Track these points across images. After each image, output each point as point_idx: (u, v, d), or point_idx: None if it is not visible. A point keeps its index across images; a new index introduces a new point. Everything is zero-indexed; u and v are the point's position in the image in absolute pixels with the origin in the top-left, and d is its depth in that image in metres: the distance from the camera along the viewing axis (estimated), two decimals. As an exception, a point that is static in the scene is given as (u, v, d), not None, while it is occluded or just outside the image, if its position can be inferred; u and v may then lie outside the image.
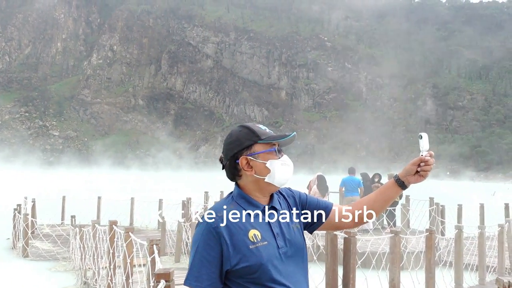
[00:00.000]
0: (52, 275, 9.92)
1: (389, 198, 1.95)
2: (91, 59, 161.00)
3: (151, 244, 4.56)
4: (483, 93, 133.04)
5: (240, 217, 1.76)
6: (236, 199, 1.82)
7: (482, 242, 8.36)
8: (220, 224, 1.71)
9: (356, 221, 1.98)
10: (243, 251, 1.70)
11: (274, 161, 1.82)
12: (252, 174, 1.81)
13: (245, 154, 1.81)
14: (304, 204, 1.97)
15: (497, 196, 38.32)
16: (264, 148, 1.82)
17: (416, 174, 1.89)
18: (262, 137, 1.82)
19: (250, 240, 1.72)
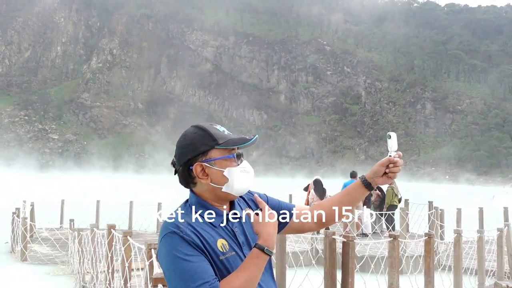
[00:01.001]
0: (50, 279, 9.89)
1: (355, 199, 1.85)
2: (91, 63, 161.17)
3: (149, 248, 4.55)
4: (482, 97, 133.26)
5: (205, 226, 1.58)
6: (197, 208, 1.63)
7: (481, 246, 8.35)
8: (188, 231, 1.53)
9: (316, 222, 1.86)
10: (214, 262, 1.55)
11: (233, 168, 1.62)
12: (207, 182, 1.62)
13: (200, 161, 1.62)
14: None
15: (496, 200, 38.31)
16: (222, 154, 1.62)
17: (384, 175, 1.78)
18: (220, 141, 1.61)
19: (220, 250, 1.57)
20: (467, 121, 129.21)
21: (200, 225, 1.57)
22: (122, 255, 5.78)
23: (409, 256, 9.75)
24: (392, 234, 6.66)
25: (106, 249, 6.81)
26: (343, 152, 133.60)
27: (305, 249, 10.40)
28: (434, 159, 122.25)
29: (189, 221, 1.57)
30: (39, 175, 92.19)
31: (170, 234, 1.52)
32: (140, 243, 5.70)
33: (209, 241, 1.55)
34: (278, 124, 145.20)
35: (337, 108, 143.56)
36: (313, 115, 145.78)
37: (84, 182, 60.23)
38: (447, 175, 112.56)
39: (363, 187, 1.82)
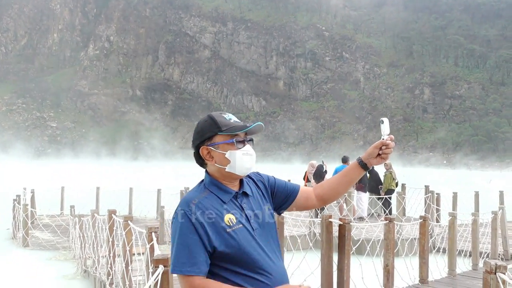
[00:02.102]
0: (52, 264, 10.05)
1: (352, 179, 2.05)
2: (88, 50, 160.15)
3: (149, 232, 4.66)
4: (481, 82, 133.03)
5: (214, 203, 1.84)
6: (208, 186, 1.90)
7: (476, 229, 8.50)
8: (197, 211, 1.79)
9: (317, 200, 2.11)
10: (221, 235, 1.78)
11: (234, 151, 1.87)
12: (213, 163, 1.90)
13: (206, 145, 1.91)
14: (273, 186, 2.06)
15: (493, 184, 38.59)
16: (224, 139, 1.88)
17: (377, 156, 2.00)
18: (222, 128, 1.87)
19: (226, 224, 1.80)
20: (465, 106, 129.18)
21: (210, 202, 1.84)
22: (123, 239, 5.91)
23: (405, 238, 9.91)
24: (388, 217, 6.80)
25: (107, 234, 6.93)
26: (341, 138, 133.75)
27: (303, 233, 10.57)
28: (432, 144, 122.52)
29: (200, 199, 1.83)
30: (38, 163, 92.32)
31: (180, 212, 1.81)
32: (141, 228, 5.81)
33: (217, 216, 1.80)
34: (276, 110, 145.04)
35: (335, 94, 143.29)
36: (312, 101, 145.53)
37: (83, 169, 60.36)
38: (445, 160, 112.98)
39: (359, 167, 2.02)
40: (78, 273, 9.08)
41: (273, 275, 1.84)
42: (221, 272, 1.80)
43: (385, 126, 2.01)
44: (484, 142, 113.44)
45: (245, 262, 1.80)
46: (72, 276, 9.00)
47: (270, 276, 1.83)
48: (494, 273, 3.29)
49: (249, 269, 1.80)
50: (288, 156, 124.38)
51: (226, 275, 1.79)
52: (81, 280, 8.76)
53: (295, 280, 6.24)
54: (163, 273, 3.25)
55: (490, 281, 3.32)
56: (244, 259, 1.79)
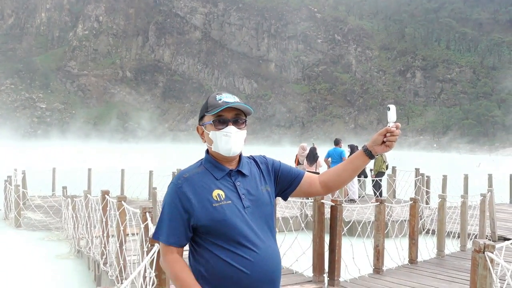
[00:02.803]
0: (45, 244, 10.09)
1: (358, 167, 2.04)
2: (77, 30, 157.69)
3: (143, 212, 4.69)
4: (472, 66, 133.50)
5: (206, 178, 1.91)
6: (204, 163, 1.98)
7: (464, 211, 8.65)
8: (185, 184, 1.88)
9: (322, 187, 2.10)
10: (206, 209, 1.85)
11: (215, 132, 1.93)
12: (204, 142, 2.02)
13: (200, 124, 2.03)
14: (277, 171, 2.07)
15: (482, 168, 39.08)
16: (209, 119, 1.95)
17: (382, 144, 1.95)
18: (209, 109, 1.93)
19: (214, 199, 1.86)
20: (456, 90, 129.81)
21: (201, 177, 1.91)
22: (117, 219, 5.94)
23: (395, 220, 10.07)
24: (379, 199, 6.90)
25: (100, 214, 6.96)
26: (332, 120, 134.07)
27: (295, 214, 10.68)
28: (422, 127, 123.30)
29: (192, 173, 1.92)
30: (27, 144, 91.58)
31: (171, 184, 1.92)
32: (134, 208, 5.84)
33: (205, 191, 1.88)
34: (268, 92, 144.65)
35: (327, 76, 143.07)
36: (303, 84, 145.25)
37: (73, 151, 60.03)
38: (435, 144, 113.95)
39: (364, 155, 1.99)
40: (72, 253, 9.13)
41: (258, 252, 1.85)
42: (205, 244, 1.87)
43: (391, 113, 1.96)
44: (474, 126, 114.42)
45: (229, 236, 1.83)
46: (66, 256, 9.05)
47: (255, 253, 1.84)
48: (483, 252, 3.39)
49: (232, 244, 1.83)
50: (279, 139, 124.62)
51: (210, 247, 1.85)
52: (74, 260, 8.81)
53: (287, 261, 6.35)
54: (158, 251, 3.30)
55: (479, 260, 3.41)
56: (228, 233, 1.83)
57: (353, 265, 6.19)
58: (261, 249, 1.86)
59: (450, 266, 7.08)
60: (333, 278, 5.80)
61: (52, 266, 8.47)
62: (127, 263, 6.00)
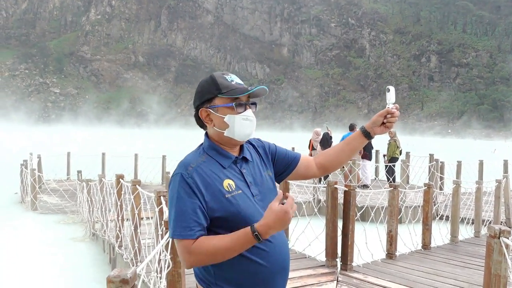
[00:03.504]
0: (61, 227, 10.26)
1: (355, 148, 2.01)
2: (90, 15, 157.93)
3: (158, 196, 4.73)
4: (488, 50, 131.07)
5: (213, 168, 1.75)
6: (207, 150, 1.81)
7: (479, 197, 8.57)
8: (194, 175, 1.70)
9: (319, 169, 2.05)
10: (219, 200, 1.70)
11: (233, 116, 1.77)
12: (212, 126, 1.81)
13: (205, 107, 1.80)
14: (274, 154, 1.99)
15: (497, 153, 38.62)
16: (223, 102, 1.77)
17: (382, 125, 1.94)
18: (223, 90, 1.77)
19: (226, 189, 1.72)
20: (472, 75, 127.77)
21: (209, 167, 1.74)
22: (132, 203, 6.00)
23: (408, 206, 10.02)
24: (392, 184, 6.86)
25: (115, 198, 7.03)
26: (345, 105, 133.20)
27: (308, 199, 10.69)
28: (437, 112, 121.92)
29: (199, 163, 1.74)
30: (42, 129, 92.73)
31: (177, 175, 1.71)
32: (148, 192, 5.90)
33: (215, 181, 1.71)
34: (280, 77, 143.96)
35: (340, 61, 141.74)
36: (316, 69, 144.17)
37: (87, 135, 60.65)
38: (450, 129, 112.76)
39: (362, 136, 1.97)
40: (87, 236, 9.27)
41: (273, 242, 1.77)
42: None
43: (391, 94, 1.95)
44: (490, 111, 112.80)
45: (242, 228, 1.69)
46: (81, 239, 9.20)
47: (270, 242, 1.76)
48: (498, 237, 3.35)
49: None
50: (291, 124, 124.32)
51: None
52: (89, 243, 8.95)
53: (300, 246, 6.37)
54: (174, 235, 3.32)
55: (494, 245, 3.38)
56: (242, 225, 1.68)
57: (366, 250, 6.18)
58: (275, 238, 1.78)
59: (463, 252, 7.05)
60: (346, 262, 5.81)
61: (68, 248, 8.62)
62: (142, 246, 6.08)
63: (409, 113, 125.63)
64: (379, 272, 5.79)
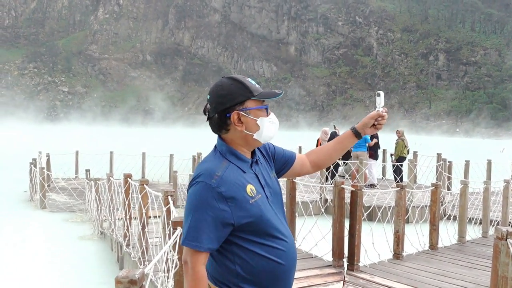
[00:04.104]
0: (69, 225, 10.34)
1: (346, 147, 2.11)
2: (98, 14, 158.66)
3: (165, 195, 4.76)
4: (497, 48, 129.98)
5: (236, 174, 1.76)
6: (226, 155, 1.80)
7: (487, 197, 8.53)
8: (220, 185, 1.70)
9: (312, 166, 2.14)
10: (245, 207, 1.72)
11: (264, 118, 1.82)
12: (242, 129, 1.79)
13: (237, 109, 1.77)
14: (273, 154, 2.04)
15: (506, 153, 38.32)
16: (256, 105, 1.80)
17: (372, 126, 2.06)
18: (254, 93, 1.78)
19: (249, 195, 1.75)
20: (480, 73, 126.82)
21: (233, 174, 1.75)
22: (140, 202, 6.05)
23: (416, 206, 9.99)
24: (400, 184, 6.84)
25: (123, 197, 7.09)
26: (353, 104, 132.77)
27: (314, 199, 10.69)
28: (445, 111, 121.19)
29: (223, 171, 1.73)
30: (50, 127, 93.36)
31: (201, 183, 1.70)
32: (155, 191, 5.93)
33: (240, 189, 1.73)
34: (287, 76, 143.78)
35: (347, 60, 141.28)
36: (323, 67, 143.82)
37: (95, 134, 60.99)
38: (458, 128, 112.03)
39: (353, 136, 2.08)
40: (95, 235, 9.35)
41: (288, 241, 1.84)
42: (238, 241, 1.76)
43: (381, 98, 2.09)
44: (499, 110, 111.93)
45: (264, 231, 1.78)
46: (89, 237, 9.27)
47: (285, 242, 1.83)
48: (505, 239, 3.35)
49: (266, 237, 1.78)
50: (298, 122, 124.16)
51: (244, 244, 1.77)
52: (97, 241, 9.03)
53: (307, 245, 6.38)
54: (181, 234, 3.35)
55: (501, 247, 3.37)
56: (264, 228, 1.77)
57: (373, 250, 6.18)
58: (288, 238, 1.85)
59: (471, 253, 7.02)
60: (352, 262, 5.82)
61: (76, 247, 8.69)
62: (149, 245, 6.12)
63: (416, 111, 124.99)
64: (386, 272, 5.78)
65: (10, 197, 13.84)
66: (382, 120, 2.06)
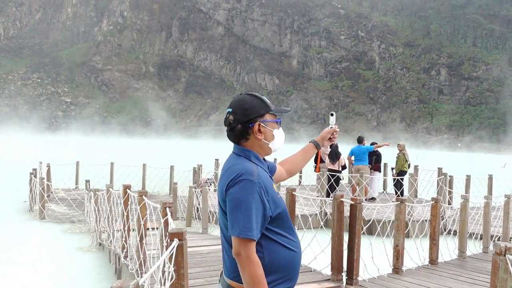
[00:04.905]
0: (68, 236, 10.30)
1: (311, 156, 2.57)
2: (102, 25, 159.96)
3: (164, 207, 4.75)
4: (499, 64, 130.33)
5: (265, 173, 2.07)
6: (253, 159, 2.08)
7: (488, 212, 8.48)
8: (260, 180, 1.97)
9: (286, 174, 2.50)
10: (276, 200, 2.03)
11: (277, 130, 2.13)
12: (261, 139, 2.09)
13: (259, 121, 2.08)
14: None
15: (507, 168, 38.21)
16: (273, 118, 2.12)
17: (328, 140, 2.55)
18: (271, 108, 2.11)
19: (276, 191, 2.07)
20: (482, 88, 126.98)
21: (263, 172, 2.05)
22: (138, 214, 6.03)
23: (416, 220, 9.94)
24: (400, 198, 6.82)
25: (122, 208, 7.07)
26: (354, 118, 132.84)
27: (314, 212, 10.65)
28: (446, 126, 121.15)
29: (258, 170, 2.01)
30: (52, 138, 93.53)
31: (246, 181, 1.94)
32: (154, 203, 5.92)
33: (270, 185, 2.04)
34: (290, 89, 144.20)
35: (350, 73, 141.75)
36: (326, 81, 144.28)
37: (97, 145, 61.05)
38: (459, 143, 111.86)
39: (314, 147, 2.55)
40: (93, 246, 9.30)
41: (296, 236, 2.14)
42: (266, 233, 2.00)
43: (333, 118, 2.58)
44: (501, 125, 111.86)
45: (286, 223, 2.06)
46: (88, 249, 9.22)
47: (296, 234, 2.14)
48: (504, 254, 3.32)
49: (286, 229, 2.06)
50: (299, 136, 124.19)
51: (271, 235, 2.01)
52: (96, 252, 8.98)
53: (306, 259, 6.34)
54: (178, 246, 3.34)
55: (499, 263, 3.35)
56: (286, 221, 2.07)
57: (372, 265, 6.13)
58: (295, 232, 2.14)
59: (471, 268, 6.97)
60: (351, 277, 5.77)
61: (74, 258, 8.65)
62: (147, 257, 6.09)
63: (418, 126, 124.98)
64: (385, 287, 5.73)
65: (9, 207, 13.82)
66: (335, 134, 2.55)
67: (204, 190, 9.80)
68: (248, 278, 1.91)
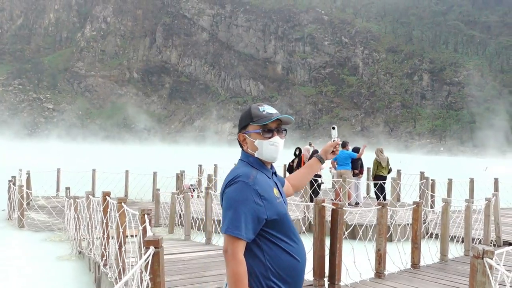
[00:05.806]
0: (47, 245, 10.10)
1: (315, 170, 2.68)
2: (85, 31, 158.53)
3: (142, 214, 4.68)
4: (480, 69, 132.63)
5: (264, 178, 2.14)
6: (254, 164, 2.18)
7: (469, 215, 8.56)
8: (255, 183, 2.05)
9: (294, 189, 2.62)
10: (274, 204, 2.09)
11: (261, 140, 2.18)
12: (246, 148, 2.23)
13: (242, 132, 2.24)
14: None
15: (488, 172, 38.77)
16: (254, 129, 2.20)
17: (332, 153, 2.65)
18: (254, 119, 2.19)
19: (275, 195, 2.14)
20: (463, 93, 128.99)
21: (262, 177, 2.12)
22: (117, 221, 5.92)
23: (397, 224, 9.98)
24: (381, 202, 6.83)
25: (101, 215, 6.95)
26: (339, 123, 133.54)
27: (297, 217, 10.63)
28: (429, 130, 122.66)
29: (255, 174, 2.10)
30: (34, 144, 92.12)
31: (241, 183, 2.04)
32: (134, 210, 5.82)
33: (269, 189, 2.11)
34: (274, 94, 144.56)
35: (334, 79, 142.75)
36: (310, 86, 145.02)
37: (80, 152, 60.29)
38: (442, 147, 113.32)
39: (318, 161, 2.65)
40: (73, 254, 9.13)
41: (300, 243, 2.19)
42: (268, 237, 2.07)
43: (335, 131, 2.70)
44: (482, 129, 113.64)
45: (286, 229, 2.12)
46: (67, 257, 9.05)
47: (299, 242, 2.19)
48: (482, 258, 3.32)
49: (288, 236, 2.12)
50: (286, 142, 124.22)
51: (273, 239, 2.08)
52: (75, 261, 8.81)
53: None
54: (154, 254, 3.27)
55: (477, 266, 3.35)
56: (287, 227, 2.12)
57: (354, 269, 6.12)
58: (300, 241, 2.20)
59: (453, 271, 7.00)
60: (333, 282, 5.75)
61: (53, 267, 8.47)
62: (126, 265, 5.98)
63: (401, 130, 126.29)
64: (367, 292, 5.72)
65: (-13, 216, 13.50)
66: (338, 147, 2.66)
67: (186, 196, 9.70)
68: (230, 274, 1.99)
